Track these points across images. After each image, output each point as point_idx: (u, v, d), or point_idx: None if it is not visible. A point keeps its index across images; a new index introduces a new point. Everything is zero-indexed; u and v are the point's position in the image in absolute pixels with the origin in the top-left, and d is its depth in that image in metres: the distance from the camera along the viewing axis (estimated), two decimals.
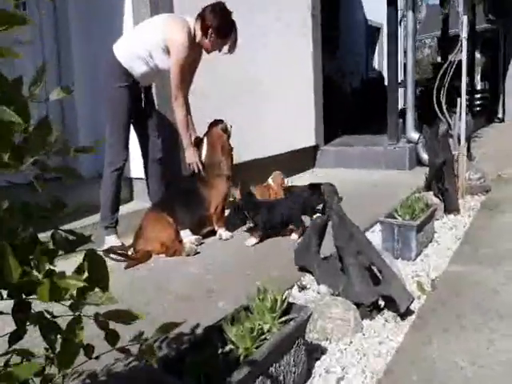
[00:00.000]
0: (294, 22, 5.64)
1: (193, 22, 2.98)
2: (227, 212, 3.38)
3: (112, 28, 3.80)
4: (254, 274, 2.53)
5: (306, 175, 5.65)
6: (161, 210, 3.09)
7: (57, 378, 0.82)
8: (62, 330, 0.83)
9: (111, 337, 0.94)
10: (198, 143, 3.35)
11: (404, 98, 9.18)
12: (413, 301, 1.98)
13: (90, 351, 0.90)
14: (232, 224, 3.39)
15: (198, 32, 2.98)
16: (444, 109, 4.76)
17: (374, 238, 2.67)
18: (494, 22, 11.81)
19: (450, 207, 3.60)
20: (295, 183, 4.18)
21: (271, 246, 3.07)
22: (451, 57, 4.81)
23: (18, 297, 0.85)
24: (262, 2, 5.00)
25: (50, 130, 0.84)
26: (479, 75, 15.57)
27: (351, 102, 9.64)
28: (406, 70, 6.25)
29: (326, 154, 6.23)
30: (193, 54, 3.01)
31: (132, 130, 3.14)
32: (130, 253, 2.92)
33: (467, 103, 4.64)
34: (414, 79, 6.18)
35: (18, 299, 0.86)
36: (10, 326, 0.90)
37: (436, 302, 2.08)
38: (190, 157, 3.19)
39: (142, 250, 2.91)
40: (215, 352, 1.45)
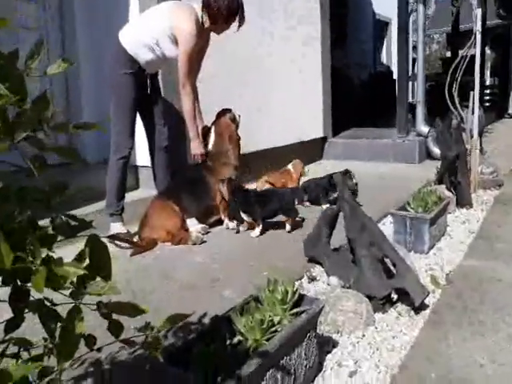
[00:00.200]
0: (301, 10, 5.52)
1: (199, 9, 2.90)
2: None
3: (117, 14, 3.71)
4: (259, 265, 2.47)
5: (313, 167, 5.55)
6: (167, 198, 3.03)
7: (56, 371, 0.75)
8: (62, 319, 0.76)
9: (115, 328, 0.88)
10: (206, 133, 3.27)
11: (412, 93, 9.07)
12: (428, 295, 1.91)
13: (91, 342, 0.84)
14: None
15: (206, 19, 2.92)
16: (457, 102, 4.68)
17: (384, 231, 2.58)
18: (505, 18, 11.61)
19: (463, 201, 3.52)
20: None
21: (277, 236, 3.00)
22: (464, 51, 4.71)
23: (13, 284, 0.79)
24: None
25: (48, 105, 0.77)
26: (489, 71, 15.38)
27: (359, 96, 9.51)
28: (416, 63, 6.15)
29: (333, 146, 6.13)
30: (201, 41, 2.95)
31: (138, 117, 3.08)
32: (135, 240, 2.87)
33: (473, 102, 4.54)
34: (424, 73, 6.07)
35: (13, 286, 0.80)
36: (9, 313, 0.85)
37: (451, 296, 2.00)
38: (195, 148, 3.12)
39: (147, 237, 2.85)
40: (223, 343, 1.39)
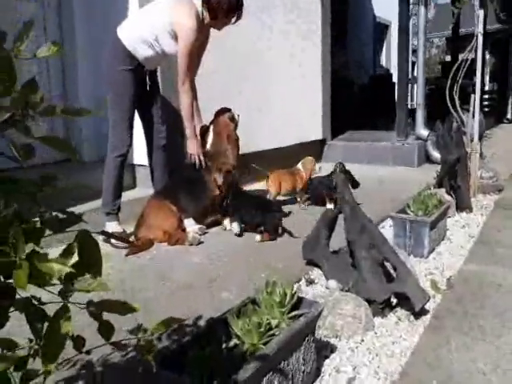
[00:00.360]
0: (302, 4, 5.47)
1: (199, 4, 2.87)
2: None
3: (116, 10, 3.66)
4: (257, 266, 2.43)
5: None
6: (164, 198, 2.99)
7: (40, 374, 0.71)
8: (49, 318, 0.72)
9: (105, 329, 0.83)
10: (204, 132, 3.23)
11: (411, 96, 9.05)
12: (428, 300, 1.87)
13: (79, 344, 0.79)
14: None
15: (206, 14, 2.89)
16: (457, 106, 4.64)
17: (384, 234, 2.55)
18: (505, 22, 11.60)
19: (462, 205, 3.49)
20: None
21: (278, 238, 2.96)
22: (465, 54, 4.67)
23: None
24: None
25: (36, 89, 0.73)
26: (488, 76, 15.38)
27: (359, 98, 9.49)
28: (417, 66, 6.13)
29: (333, 148, 6.10)
30: (201, 37, 2.92)
31: (136, 115, 3.03)
32: (131, 240, 2.82)
33: (474, 106, 4.52)
34: (425, 76, 6.04)
35: None
36: None
37: (452, 301, 1.97)
38: (192, 147, 3.06)
39: (143, 237, 2.81)
40: (219, 347, 1.34)
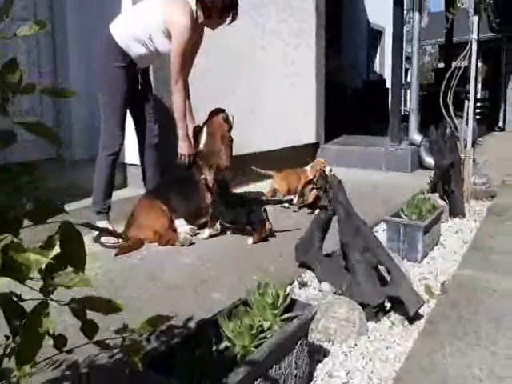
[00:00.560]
0: (295, 3, 5.43)
1: (193, 3, 2.83)
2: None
3: (110, 1, 3.60)
4: (249, 268, 2.39)
5: None
6: (155, 198, 2.94)
7: (13, 376, 0.66)
8: (27, 314, 0.67)
9: (88, 328, 0.78)
10: (197, 132, 3.18)
11: (404, 101, 9.07)
12: (423, 304, 1.84)
13: (60, 342, 0.75)
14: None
15: (200, 13, 2.85)
16: (451, 111, 4.64)
17: None
18: (498, 31, 11.70)
19: (456, 210, 3.47)
20: None
21: (270, 239, 2.91)
22: (459, 59, 4.67)
23: None
24: None
25: (15, 69, 0.69)
26: (480, 84, 15.50)
27: (352, 103, 9.49)
28: (410, 72, 6.13)
29: (326, 152, 6.06)
30: (195, 35, 2.88)
31: (128, 114, 2.97)
32: (121, 240, 2.77)
33: (467, 112, 4.52)
34: (418, 81, 6.05)
35: None
36: None
37: (446, 306, 1.94)
38: (184, 148, 3.00)
39: (133, 237, 2.76)
40: (209, 349, 1.30)
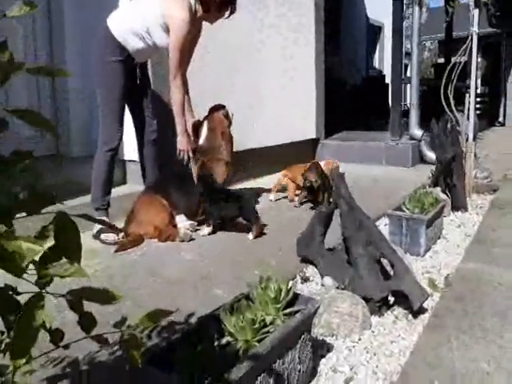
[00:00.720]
0: (294, 3, 5.41)
1: None
2: None
3: None
4: (250, 263, 2.36)
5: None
6: (155, 193, 2.91)
7: (8, 372, 0.63)
8: (21, 307, 0.64)
9: (86, 322, 0.75)
10: (198, 126, 3.16)
11: (404, 97, 9.02)
12: (427, 298, 1.82)
13: (57, 337, 0.72)
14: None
15: (199, 7, 2.82)
16: (452, 105, 4.61)
17: None
18: (497, 26, 11.65)
19: (458, 204, 3.45)
20: None
21: (269, 235, 2.88)
22: (459, 53, 4.63)
23: None
24: None
25: (4, 49, 0.66)
26: (480, 79, 15.45)
27: (352, 99, 9.45)
28: (410, 66, 6.09)
29: (326, 148, 6.04)
30: (193, 30, 2.84)
31: (126, 110, 2.94)
32: (121, 236, 2.74)
33: (469, 106, 4.49)
34: (419, 76, 6.01)
35: None
36: None
37: (451, 300, 1.91)
38: (183, 143, 2.96)
39: (133, 233, 2.73)
40: (211, 344, 1.28)
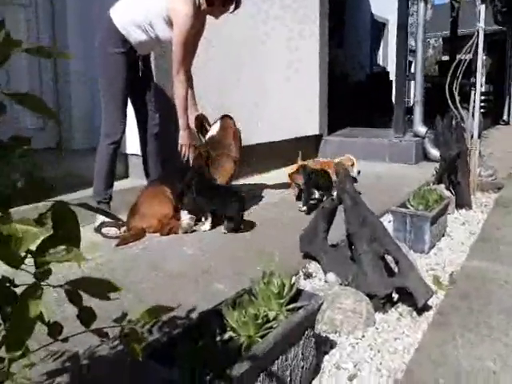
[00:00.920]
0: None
1: None
2: None
3: None
4: (252, 258, 2.35)
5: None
6: (160, 186, 2.90)
7: (4, 366, 0.61)
8: (18, 299, 0.62)
9: (85, 315, 0.74)
10: (201, 120, 3.14)
11: (407, 93, 8.98)
12: (432, 295, 1.79)
13: (56, 330, 0.70)
14: None
15: (203, 1, 2.78)
16: (457, 102, 4.58)
17: None
18: (502, 23, 11.56)
19: (462, 202, 3.42)
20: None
21: (271, 231, 2.86)
22: (466, 48, 4.59)
23: None
24: None
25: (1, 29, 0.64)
26: (484, 77, 15.37)
27: (356, 96, 9.41)
28: (415, 62, 6.05)
29: (329, 144, 6.01)
30: (197, 24, 2.80)
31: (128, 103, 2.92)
32: (123, 230, 2.72)
33: (473, 104, 4.45)
34: (423, 72, 5.97)
35: None
36: None
37: (456, 297, 1.89)
38: (184, 138, 2.91)
39: (135, 227, 2.71)
40: (213, 339, 1.26)
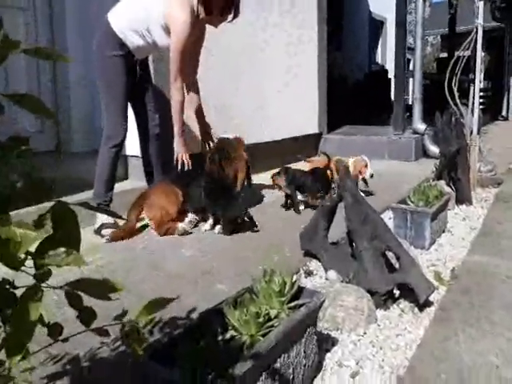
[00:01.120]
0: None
1: None
2: None
3: None
4: (252, 258, 2.35)
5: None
6: (173, 186, 2.91)
7: (4, 368, 0.61)
8: (18, 301, 0.62)
9: (86, 315, 0.73)
10: (209, 132, 3.19)
11: (406, 91, 8.97)
12: (433, 291, 1.79)
13: (56, 331, 0.69)
14: None
15: (201, 9, 2.75)
16: (457, 99, 4.57)
17: None
18: (502, 19, 11.55)
19: (462, 197, 3.42)
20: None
21: (271, 229, 2.86)
22: (465, 44, 4.59)
23: None
24: None
25: None
26: (483, 73, 15.36)
27: (354, 94, 9.41)
28: (414, 60, 6.06)
29: (329, 143, 6.01)
30: (195, 32, 2.77)
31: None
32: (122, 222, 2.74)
33: (473, 100, 4.46)
34: (422, 70, 5.98)
35: None
36: None
37: (457, 293, 1.89)
38: (179, 146, 2.87)
39: (128, 225, 2.73)
40: (214, 339, 1.25)
